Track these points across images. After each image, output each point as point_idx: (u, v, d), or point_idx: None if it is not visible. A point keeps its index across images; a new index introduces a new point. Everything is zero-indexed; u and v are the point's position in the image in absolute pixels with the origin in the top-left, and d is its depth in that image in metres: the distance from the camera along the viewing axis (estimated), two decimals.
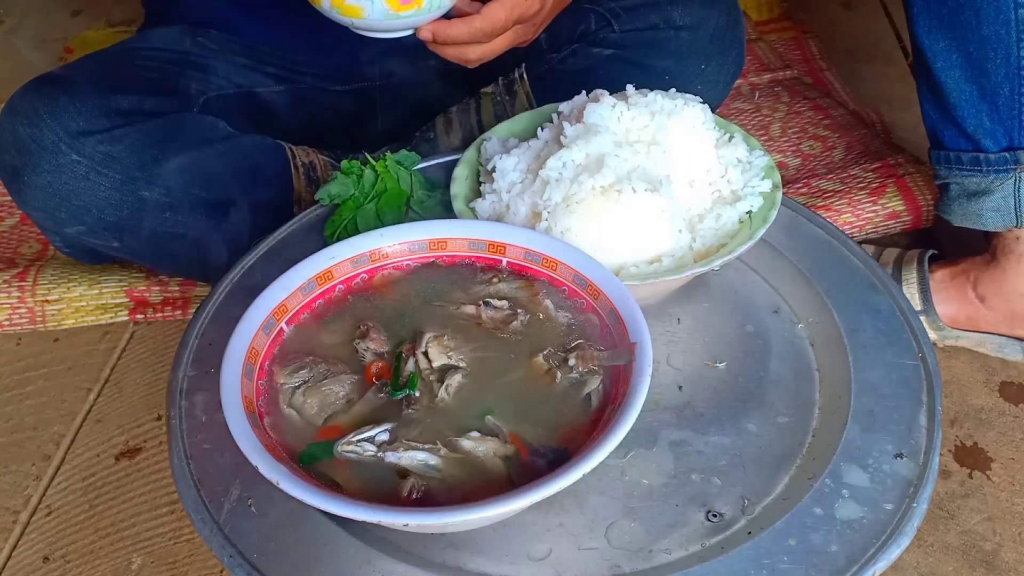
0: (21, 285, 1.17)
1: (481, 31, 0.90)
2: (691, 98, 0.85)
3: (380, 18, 0.85)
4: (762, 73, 1.54)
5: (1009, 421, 0.99)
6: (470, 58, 0.95)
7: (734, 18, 1.13)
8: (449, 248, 0.76)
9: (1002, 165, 0.98)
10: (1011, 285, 1.01)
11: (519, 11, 0.91)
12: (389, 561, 0.64)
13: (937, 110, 1.01)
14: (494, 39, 0.93)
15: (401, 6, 0.84)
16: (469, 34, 0.90)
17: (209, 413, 0.73)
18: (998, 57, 0.92)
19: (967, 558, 0.87)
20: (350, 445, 0.61)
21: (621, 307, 0.67)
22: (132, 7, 1.88)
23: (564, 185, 0.78)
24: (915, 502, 0.65)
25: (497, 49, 0.95)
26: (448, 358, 0.67)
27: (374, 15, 0.84)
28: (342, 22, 0.87)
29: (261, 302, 0.69)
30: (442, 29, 0.89)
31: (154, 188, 0.99)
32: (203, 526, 0.65)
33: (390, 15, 0.85)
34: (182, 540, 0.92)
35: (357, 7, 0.84)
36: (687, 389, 0.76)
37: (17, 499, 0.98)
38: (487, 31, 0.90)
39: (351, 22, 0.86)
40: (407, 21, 0.87)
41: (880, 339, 0.78)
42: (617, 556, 0.65)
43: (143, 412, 1.06)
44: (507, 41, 0.95)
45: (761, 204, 0.82)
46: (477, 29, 0.90)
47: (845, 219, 1.18)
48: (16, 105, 0.97)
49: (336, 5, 0.84)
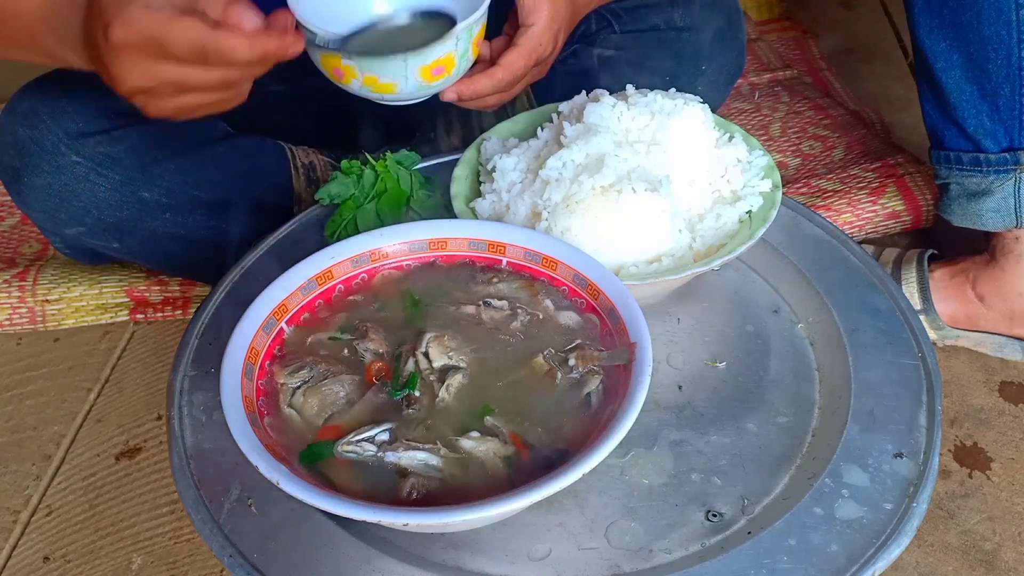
0: (21, 285, 1.17)
1: (503, 82, 0.89)
2: (691, 98, 0.85)
3: (413, 91, 0.83)
4: (762, 73, 1.54)
5: (1009, 421, 0.99)
6: (490, 105, 0.94)
7: (735, 19, 1.13)
8: (449, 248, 0.76)
9: (1002, 165, 0.98)
10: (1010, 285, 1.01)
11: (536, 55, 0.90)
12: (389, 561, 0.64)
13: (938, 110, 1.01)
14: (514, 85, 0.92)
15: (433, 77, 0.82)
16: (492, 87, 0.89)
17: (209, 413, 0.73)
18: (999, 58, 0.92)
19: (967, 558, 0.87)
20: (350, 445, 0.61)
21: (621, 307, 0.67)
22: None
23: (564, 185, 0.78)
24: (915, 502, 0.65)
25: (516, 92, 0.94)
26: (448, 358, 0.67)
27: (407, 90, 0.83)
28: (371, 98, 0.85)
29: (261, 302, 0.69)
30: (467, 87, 0.88)
31: (154, 189, 0.99)
32: (203, 526, 0.66)
33: (422, 87, 0.83)
34: (182, 540, 0.92)
35: (391, 84, 0.82)
36: (687, 389, 0.77)
37: (17, 499, 0.98)
38: (509, 80, 0.89)
39: (382, 97, 0.84)
40: (437, 88, 0.85)
41: (880, 339, 0.78)
42: (617, 556, 0.65)
43: (143, 412, 1.06)
44: (524, 84, 0.94)
45: (761, 204, 0.82)
46: (500, 80, 0.89)
47: (845, 219, 1.18)
48: (16, 106, 0.97)
49: (367, 84, 0.82)
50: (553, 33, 0.90)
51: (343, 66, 0.81)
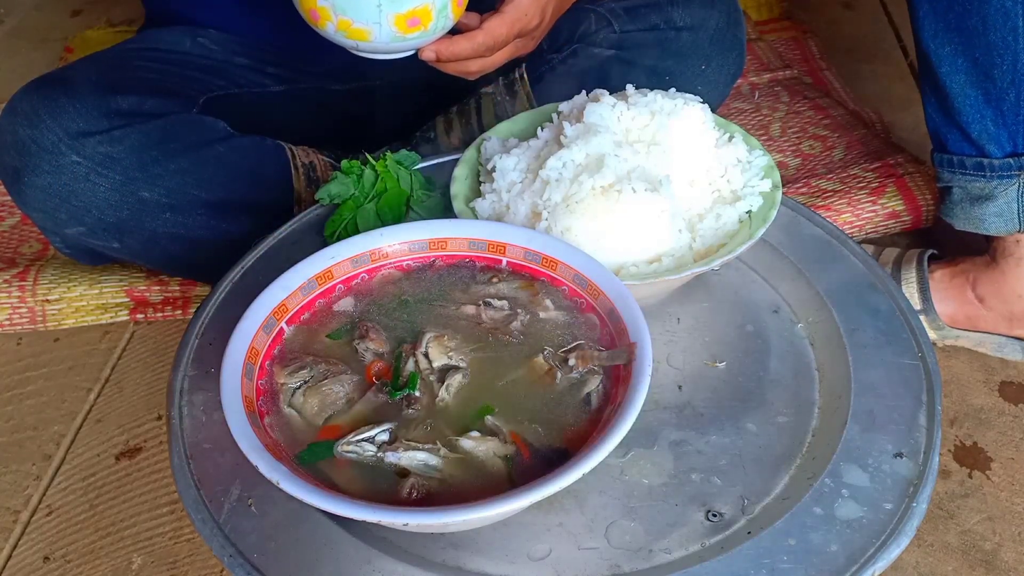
0: (21, 285, 1.17)
1: (484, 46, 0.90)
2: (691, 98, 0.85)
3: (387, 41, 0.84)
4: (762, 73, 1.54)
5: (1009, 421, 0.99)
6: (471, 71, 0.95)
7: (734, 18, 1.13)
8: (449, 248, 0.76)
9: (1006, 171, 0.98)
10: (1010, 287, 1.01)
11: (520, 25, 0.91)
12: (389, 561, 0.64)
13: (941, 114, 1.01)
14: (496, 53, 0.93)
15: (408, 28, 0.83)
16: (472, 50, 0.90)
17: (209, 413, 0.73)
18: (1004, 63, 0.92)
19: (967, 558, 0.87)
20: (350, 445, 0.61)
21: (621, 307, 0.67)
22: (132, 7, 1.88)
23: (564, 185, 0.78)
24: (915, 502, 0.65)
25: (498, 62, 0.95)
26: (448, 358, 0.67)
27: (381, 38, 0.83)
28: (346, 45, 0.86)
29: (261, 302, 0.69)
30: (445, 47, 0.89)
31: (154, 189, 0.99)
32: (203, 526, 0.65)
33: (397, 37, 0.84)
34: (182, 540, 0.92)
35: (364, 30, 0.83)
36: (687, 389, 0.77)
37: (17, 499, 0.98)
38: (489, 46, 0.90)
39: (356, 45, 0.85)
40: (413, 43, 0.86)
41: (880, 339, 0.78)
42: (617, 556, 0.65)
43: (143, 412, 1.06)
44: (508, 54, 0.95)
45: (761, 204, 0.82)
46: (480, 44, 0.89)
47: (845, 219, 1.18)
48: (16, 106, 0.97)
49: (342, 28, 0.83)
50: (540, 6, 0.91)
51: (319, 7, 0.82)
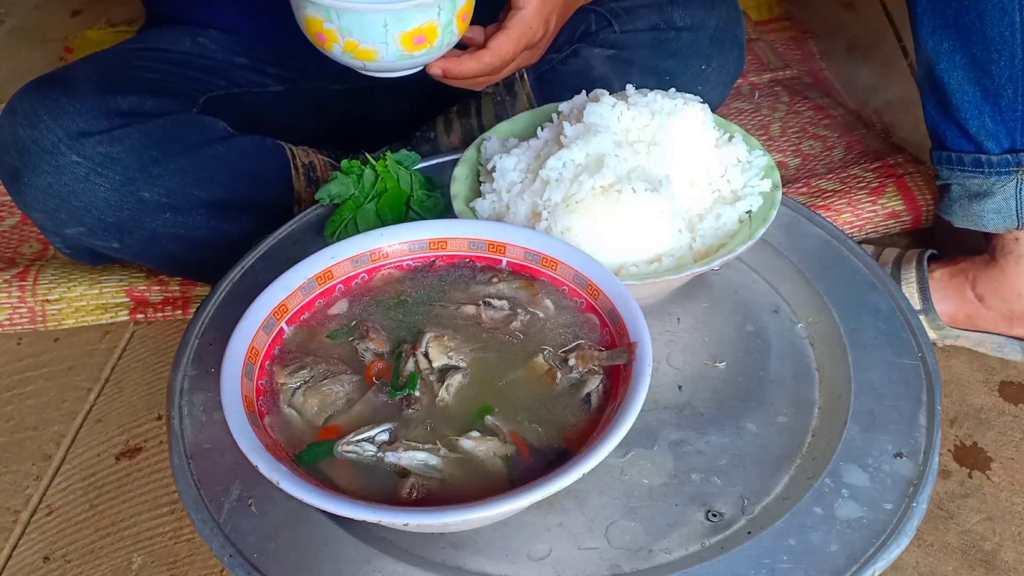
0: (21, 285, 1.17)
1: (491, 65, 0.89)
2: (691, 98, 0.85)
3: (394, 59, 0.84)
4: (762, 73, 1.54)
5: (1009, 421, 0.99)
6: (478, 84, 0.95)
7: (734, 18, 1.13)
8: (449, 248, 0.76)
9: (1004, 167, 0.98)
10: (1009, 285, 1.01)
11: (525, 39, 0.90)
12: (389, 561, 0.64)
13: (939, 111, 1.01)
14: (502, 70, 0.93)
15: (414, 46, 0.83)
16: (479, 70, 0.89)
17: (209, 413, 0.73)
18: (1002, 59, 0.92)
19: (967, 558, 0.87)
20: (350, 445, 0.61)
21: (621, 307, 0.67)
22: (132, 7, 1.88)
23: (564, 185, 0.78)
24: (915, 502, 0.65)
25: (505, 75, 0.95)
26: (448, 358, 0.67)
27: (388, 57, 0.83)
28: (354, 66, 0.86)
29: (261, 302, 0.69)
30: (454, 66, 0.89)
31: (154, 189, 0.99)
32: (203, 526, 0.66)
33: (403, 56, 0.84)
34: (182, 540, 0.92)
35: (371, 51, 0.82)
36: (687, 389, 0.77)
37: (17, 499, 0.98)
38: (496, 65, 0.90)
39: (364, 65, 0.85)
40: (419, 60, 0.86)
41: (880, 339, 0.78)
42: (617, 556, 0.65)
43: (143, 412, 1.06)
44: (514, 67, 0.95)
45: (761, 204, 0.82)
46: (487, 64, 0.89)
47: (845, 219, 1.18)
48: (16, 106, 0.97)
49: (349, 50, 0.83)
50: (544, 17, 0.90)
51: (325, 30, 0.82)
